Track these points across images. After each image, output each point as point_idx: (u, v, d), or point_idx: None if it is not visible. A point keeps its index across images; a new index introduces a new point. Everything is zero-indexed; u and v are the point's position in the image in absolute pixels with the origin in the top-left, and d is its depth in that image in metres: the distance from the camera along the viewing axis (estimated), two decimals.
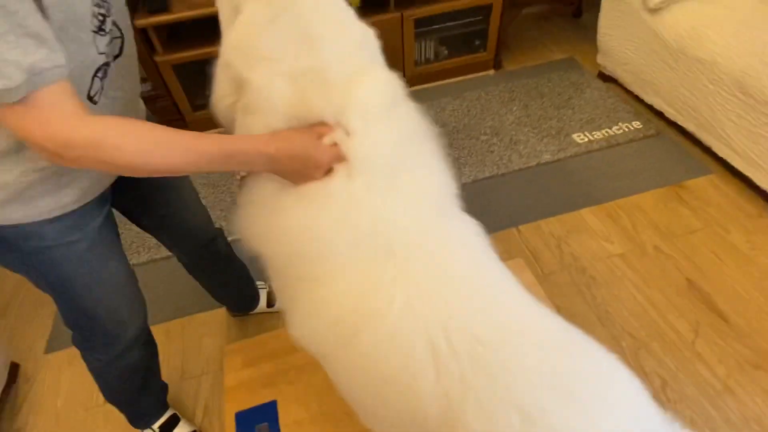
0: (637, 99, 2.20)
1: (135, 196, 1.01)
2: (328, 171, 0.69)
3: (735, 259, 1.57)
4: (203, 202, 1.20)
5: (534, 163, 1.98)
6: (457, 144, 2.10)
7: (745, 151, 1.70)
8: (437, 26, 2.34)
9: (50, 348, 1.54)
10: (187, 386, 1.40)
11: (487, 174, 1.95)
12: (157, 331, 1.52)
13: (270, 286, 1.54)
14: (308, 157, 0.66)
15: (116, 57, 0.75)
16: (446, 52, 2.46)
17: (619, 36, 2.15)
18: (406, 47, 2.30)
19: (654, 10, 1.91)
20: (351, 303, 0.64)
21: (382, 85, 0.70)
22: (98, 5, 0.67)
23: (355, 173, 0.67)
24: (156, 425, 1.25)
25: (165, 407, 1.28)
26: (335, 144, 0.67)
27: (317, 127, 0.68)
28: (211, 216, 1.24)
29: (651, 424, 0.63)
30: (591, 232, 1.71)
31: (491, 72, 2.55)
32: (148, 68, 2.07)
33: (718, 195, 1.79)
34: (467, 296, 0.63)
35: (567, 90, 2.35)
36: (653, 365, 1.33)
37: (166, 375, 1.41)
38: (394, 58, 2.33)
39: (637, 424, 0.61)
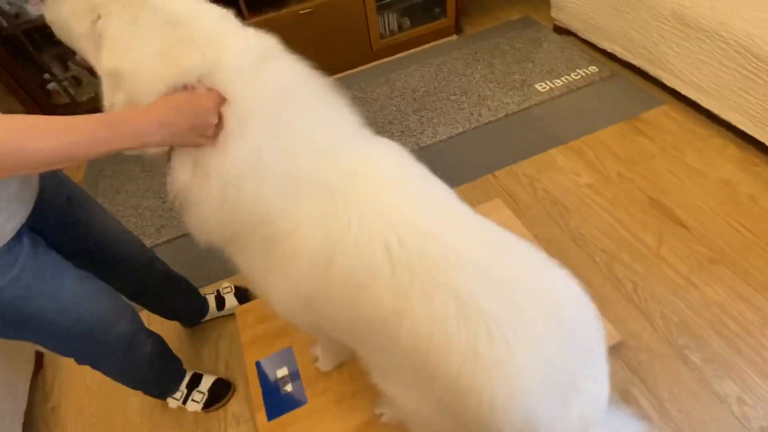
0: (592, 46, 2.35)
1: (63, 242, 0.96)
2: (220, 119, 0.70)
3: (690, 176, 1.73)
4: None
5: (503, 115, 2.11)
6: (429, 106, 2.22)
7: (690, 78, 1.85)
8: None
9: None
10: (207, 349, 1.50)
11: (460, 129, 2.07)
12: None
13: (217, 291, 1.56)
14: (194, 103, 0.67)
15: None
16: (409, 22, 2.57)
17: None
18: (369, 22, 2.39)
19: None
20: (319, 239, 0.71)
21: (251, 41, 0.74)
22: None
23: (246, 128, 0.70)
24: (182, 385, 1.34)
25: (184, 373, 1.35)
26: (211, 89, 0.69)
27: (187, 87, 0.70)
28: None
29: (579, 309, 0.72)
30: (560, 168, 1.85)
31: (454, 37, 2.67)
32: None
33: (672, 122, 1.95)
34: (410, 202, 0.73)
35: (526, 46, 2.48)
36: (625, 273, 1.48)
37: (183, 344, 1.52)
38: (359, 33, 2.43)
39: (564, 312, 0.69)
